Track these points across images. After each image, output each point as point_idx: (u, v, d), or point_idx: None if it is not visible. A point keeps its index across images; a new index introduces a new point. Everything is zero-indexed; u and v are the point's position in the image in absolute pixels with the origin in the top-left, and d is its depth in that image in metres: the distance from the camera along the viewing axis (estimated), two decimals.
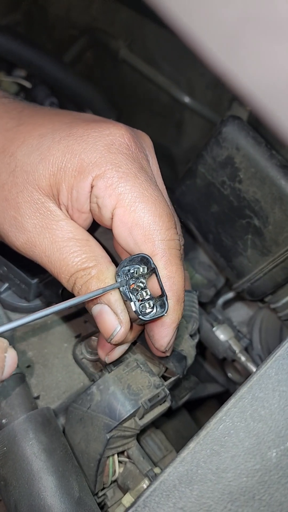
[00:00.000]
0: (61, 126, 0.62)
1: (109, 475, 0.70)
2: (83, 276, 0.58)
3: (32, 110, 0.66)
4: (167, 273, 0.59)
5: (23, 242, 0.61)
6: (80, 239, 0.60)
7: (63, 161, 0.59)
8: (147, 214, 0.58)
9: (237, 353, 0.95)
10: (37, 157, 0.59)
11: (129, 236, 0.59)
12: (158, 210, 0.59)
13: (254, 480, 0.49)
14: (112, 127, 0.61)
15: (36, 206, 0.59)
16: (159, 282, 0.58)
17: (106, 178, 0.58)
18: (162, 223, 0.58)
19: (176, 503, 0.48)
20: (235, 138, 0.80)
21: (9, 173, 0.60)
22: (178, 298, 0.60)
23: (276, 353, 0.56)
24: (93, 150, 0.59)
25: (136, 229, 0.58)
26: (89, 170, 0.58)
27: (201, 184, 0.85)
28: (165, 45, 1.16)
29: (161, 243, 0.58)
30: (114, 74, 1.29)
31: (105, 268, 0.59)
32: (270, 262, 0.82)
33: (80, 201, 0.59)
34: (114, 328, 0.59)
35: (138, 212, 0.58)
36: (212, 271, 1.00)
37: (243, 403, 0.53)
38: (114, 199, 0.58)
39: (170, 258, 0.59)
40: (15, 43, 1.06)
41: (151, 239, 0.58)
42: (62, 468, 0.62)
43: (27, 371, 0.72)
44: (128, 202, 0.58)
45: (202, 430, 0.52)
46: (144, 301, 0.59)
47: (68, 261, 0.59)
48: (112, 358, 0.65)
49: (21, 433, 0.62)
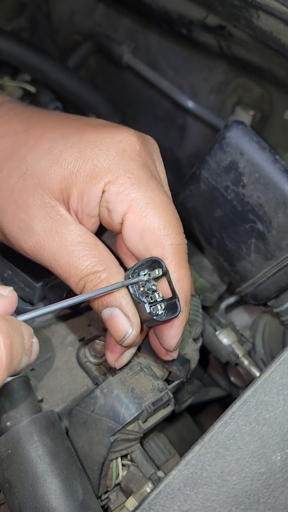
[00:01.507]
0: (72, 131, 0.62)
1: (112, 478, 0.70)
2: (93, 279, 0.59)
3: (41, 114, 0.67)
4: (177, 276, 0.60)
5: (31, 246, 0.61)
6: (90, 243, 0.60)
7: (75, 166, 0.60)
8: (158, 220, 0.60)
9: (240, 357, 0.95)
10: (49, 161, 0.60)
11: (140, 241, 0.60)
12: (168, 216, 0.60)
13: (259, 483, 0.49)
14: (124, 133, 0.62)
15: (46, 210, 0.60)
16: (170, 284, 0.59)
17: (119, 184, 0.59)
18: (172, 229, 0.60)
19: (181, 506, 0.48)
20: (238, 143, 0.80)
21: (19, 176, 0.61)
22: (186, 300, 0.61)
23: (281, 357, 0.56)
24: (106, 156, 0.60)
25: (147, 234, 0.60)
26: (102, 176, 0.59)
27: (205, 188, 0.86)
28: (168, 50, 1.17)
29: (171, 247, 0.60)
30: (117, 79, 1.30)
31: (114, 271, 0.60)
32: (273, 266, 0.83)
33: (90, 205, 0.60)
34: (126, 331, 0.60)
35: (149, 218, 0.60)
36: (215, 275, 1.00)
37: (247, 406, 0.53)
38: (125, 204, 0.59)
39: (180, 262, 0.61)
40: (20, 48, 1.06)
41: (161, 244, 0.60)
42: (66, 471, 0.62)
43: (31, 374, 0.72)
44: (140, 208, 0.59)
45: (207, 433, 0.52)
46: (157, 303, 0.60)
47: (78, 265, 0.59)
48: (122, 363, 0.66)
49: (25, 436, 0.62)
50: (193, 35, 1.03)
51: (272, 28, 0.75)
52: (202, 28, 0.97)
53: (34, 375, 0.73)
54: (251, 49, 0.92)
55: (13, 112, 0.67)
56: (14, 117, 0.66)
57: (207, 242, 0.90)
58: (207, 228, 0.88)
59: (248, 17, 0.76)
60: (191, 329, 0.79)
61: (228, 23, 0.88)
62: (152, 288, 0.60)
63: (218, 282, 1.01)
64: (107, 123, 0.66)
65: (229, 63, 1.08)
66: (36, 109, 0.69)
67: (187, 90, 1.18)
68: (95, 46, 1.26)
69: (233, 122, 0.81)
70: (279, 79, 0.98)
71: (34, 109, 0.68)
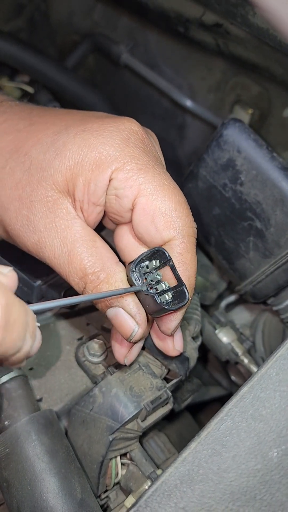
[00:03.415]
0: (74, 122, 0.63)
1: (111, 477, 0.70)
2: (93, 280, 0.59)
3: (41, 110, 0.67)
4: (183, 259, 0.60)
5: (33, 243, 0.61)
6: (88, 240, 0.60)
7: (80, 155, 0.60)
8: (168, 202, 0.60)
9: (239, 356, 0.95)
10: (53, 153, 0.60)
11: (151, 224, 0.60)
12: (177, 198, 0.61)
13: (255, 480, 0.49)
14: (127, 122, 0.63)
15: (49, 205, 0.60)
16: (175, 272, 0.59)
17: (126, 171, 0.59)
18: (182, 210, 0.61)
19: (178, 503, 0.48)
20: (236, 140, 0.80)
21: (23, 171, 0.61)
22: (190, 284, 0.61)
23: (277, 353, 0.56)
24: (111, 143, 0.60)
25: (158, 216, 0.60)
26: (108, 163, 0.59)
27: (203, 186, 0.85)
28: (166, 49, 1.17)
29: (182, 229, 0.60)
30: (116, 78, 1.30)
31: (112, 271, 0.60)
32: (272, 264, 0.82)
33: (97, 194, 0.60)
34: (132, 329, 0.60)
35: (159, 200, 0.60)
36: (214, 274, 1.00)
37: (244, 403, 0.53)
38: (135, 189, 0.60)
39: (188, 245, 0.61)
40: (18, 49, 1.07)
41: (172, 225, 0.60)
42: (64, 470, 0.62)
43: (30, 373, 0.72)
44: (150, 191, 0.60)
45: (203, 430, 0.52)
46: (164, 293, 0.60)
47: (76, 265, 0.60)
48: (131, 359, 0.66)
49: (23, 434, 0.62)
50: (190, 34, 1.03)
51: (268, 25, 0.75)
52: (199, 26, 0.96)
53: (33, 374, 0.73)
54: (248, 46, 0.92)
55: (14, 109, 0.67)
56: (15, 114, 0.66)
57: (206, 240, 0.90)
58: (205, 226, 0.88)
59: (244, 14, 0.76)
60: (190, 327, 0.79)
61: (225, 21, 0.88)
62: (156, 278, 0.60)
63: (217, 281, 1.01)
64: (108, 114, 0.67)
65: (227, 62, 1.08)
66: (36, 106, 0.69)
67: (186, 89, 1.18)
68: (93, 45, 1.27)
69: (230, 119, 0.81)
70: (277, 76, 0.97)
71: (34, 106, 0.69)
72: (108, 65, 1.29)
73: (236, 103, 1.11)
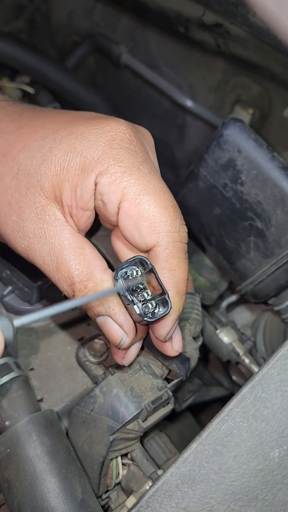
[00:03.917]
0: (62, 125, 0.62)
1: (112, 478, 0.70)
2: (81, 289, 0.59)
3: (32, 112, 0.66)
4: (169, 266, 0.59)
5: (24, 248, 0.61)
6: (76, 247, 0.60)
7: (65, 161, 0.59)
8: (152, 205, 0.58)
9: (241, 356, 0.95)
10: (40, 159, 0.59)
11: (135, 229, 0.58)
12: (163, 201, 0.59)
13: (257, 480, 0.48)
14: (113, 123, 0.61)
15: (37, 211, 0.59)
16: (158, 280, 0.58)
17: (110, 174, 0.58)
18: (168, 214, 0.58)
19: (179, 503, 0.48)
20: (236, 140, 0.80)
21: (12, 177, 0.61)
22: (178, 290, 0.59)
23: (278, 353, 0.56)
24: (95, 147, 0.59)
25: (142, 221, 0.58)
26: (92, 168, 0.58)
27: (203, 186, 0.85)
28: (166, 49, 1.17)
29: (166, 235, 0.58)
30: (116, 79, 1.30)
31: (100, 280, 0.59)
32: (273, 264, 0.82)
33: (84, 199, 0.59)
34: (120, 338, 0.60)
35: (143, 204, 0.58)
36: (215, 274, 1.00)
37: (245, 403, 0.53)
38: (119, 194, 0.58)
39: (173, 251, 0.59)
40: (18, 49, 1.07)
41: (156, 230, 0.58)
42: (65, 470, 0.61)
43: (30, 373, 0.72)
44: (133, 195, 0.58)
45: (204, 430, 0.52)
46: (147, 301, 0.59)
47: (64, 273, 0.59)
48: (129, 360, 0.66)
49: (24, 435, 0.62)
50: (190, 34, 1.03)
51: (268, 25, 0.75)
52: (199, 26, 0.96)
53: (34, 374, 0.73)
54: (248, 46, 0.92)
55: (6, 111, 0.67)
56: (7, 116, 0.65)
57: (206, 240, 0.90)
58: (206, 226, 0.88)
59: (244, 14, 0.76)
60: (191, 327, 0.78)
61: (225, 21, 0.88)
62: (139, 287, 0.59)
63: (218, 281, 1.01)
64: (98, 114, 0.65)
65: (227, 61, 1.08)
66: (28, 107, 0.68)
67: (186, 89, 1.18)
68: (93, 46, 1.27)
69: (230, 119, 0.81)
70: (277, 76, 0.97)
71: (25, 107, 0.68)
72: (108, 66, 1.29)
73: (237, 103, 1.11)
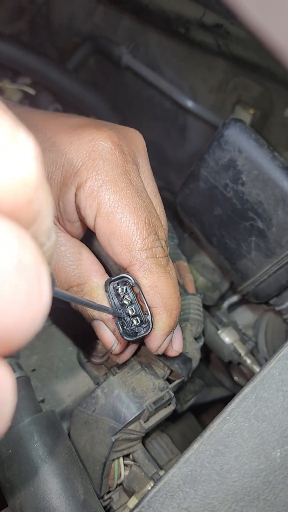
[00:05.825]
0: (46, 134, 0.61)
1: (114, 478, 0.70)
2: (77, 292, 0.60)
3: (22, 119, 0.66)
4: (149, 283, 0.57)
5: None
6: (73, 252, 0.60)
7: (49, 173, 0.58)
8: (124, 223, 0.56)
9: (242, 356, 0.95)
10: None
11: (109, 246, 0.57)
12: (136, 218, 0.56)
13: (258, 480, 0.48)
14: (95, 132, 0.59)
15: None
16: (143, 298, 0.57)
17: (87, 187, 0.56)
18: (140, 232, 0.56)
19: (181, 504, 0.48)
20: (237, 140, 0.80)
21: None
22: (165, 307, 0.58)
23: (280, 353, 0.56)
24: (75, 158, 0.57)
25: (114, 239, 0.56)
26: (72, 180, 0.57)
27: (204, 187, 0.85)
28: (167, 50, 1.17)
29: (139, 253, 0.56)
30: (117, 80, 1.30)
31: (96, 285, 0.59)
32: (274, 264, 0.82)
33: (68, 212, 0.59)
34: (111, 344, 0.61)
35: (115, 221, 0.56)
36: (216, 274, 1.00)
37: (246, 403, 0.53)
38: (94, 208, 0.56)
39: (150, 268, 0.57)
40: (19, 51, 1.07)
41: (129, 249, 0.56)
42: (67, 471, 0.62)
43: (32, 374, 0.72)
44: (106, 211, 0.56)
45: (206, 431, 0.52)
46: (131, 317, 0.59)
47: (62, 278, 0.60)
48: (124, 359, 0.67)
49: (26, 436, 0.62)
50: (191, 34, 1.03)
51: None
52: (199, 27, 0.96)
53: (35, 375, 0.73)
54: (248, 46, 0.92)
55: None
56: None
57: (208, 240, 0.90)
58: (207, 226, 0.88)
59: None
60: (192, 328, 0.79)
61: (225, 21, 0.88)
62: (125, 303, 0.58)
63: (219, 281, 1.00)
64: (85, 121, 0.63)
65: (228, 62, 1.08)
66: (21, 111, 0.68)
67: (187, 90, 1.18)
68: (94, 47, 1.27)
69: (231, 120, 0.81)
70: (278, 76, 0.97)
71: (19, 111, 0.67)
72: (109, 67, 1.29)
73: (237, 103, 1.11)
